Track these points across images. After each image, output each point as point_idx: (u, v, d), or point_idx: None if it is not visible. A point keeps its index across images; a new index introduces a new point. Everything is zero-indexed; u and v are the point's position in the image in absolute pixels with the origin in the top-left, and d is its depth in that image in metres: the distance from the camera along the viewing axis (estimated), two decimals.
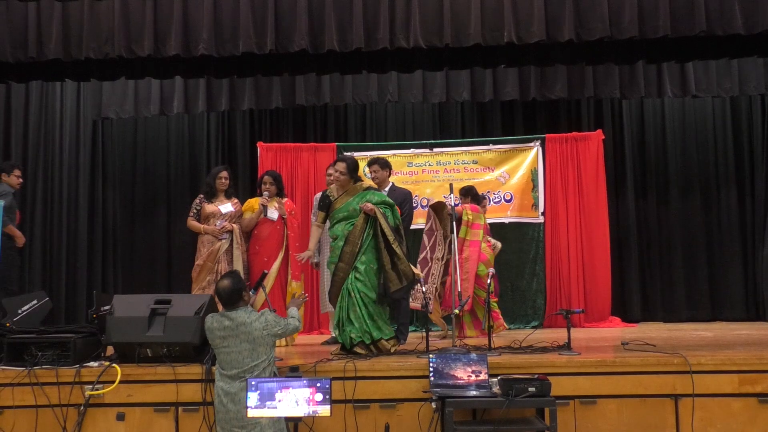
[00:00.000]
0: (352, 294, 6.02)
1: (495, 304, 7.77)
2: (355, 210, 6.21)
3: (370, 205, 6.13)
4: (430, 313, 6.11)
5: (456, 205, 7.18)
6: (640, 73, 8.54)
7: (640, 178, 9.93)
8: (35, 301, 6.21)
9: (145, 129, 10.22)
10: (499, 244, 8.05)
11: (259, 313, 4.94)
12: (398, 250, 6.06)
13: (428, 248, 7.73)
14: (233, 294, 4.95)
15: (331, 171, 7.49)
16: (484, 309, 7.37)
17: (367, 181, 6.68)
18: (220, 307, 6.16)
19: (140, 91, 9.19)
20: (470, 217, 7.67)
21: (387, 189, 7.15)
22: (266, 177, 7.42)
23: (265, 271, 6.05)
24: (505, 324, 7.85)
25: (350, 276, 6.05)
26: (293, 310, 5.31)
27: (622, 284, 9.60)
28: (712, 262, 9.71)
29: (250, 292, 5.28)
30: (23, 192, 8.66)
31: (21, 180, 7.91)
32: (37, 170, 9.28)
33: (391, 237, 6.06)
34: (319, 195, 7.66)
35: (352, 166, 6.40)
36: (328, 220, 6.56)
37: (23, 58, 6.76)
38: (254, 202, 7.35)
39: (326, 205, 6.39)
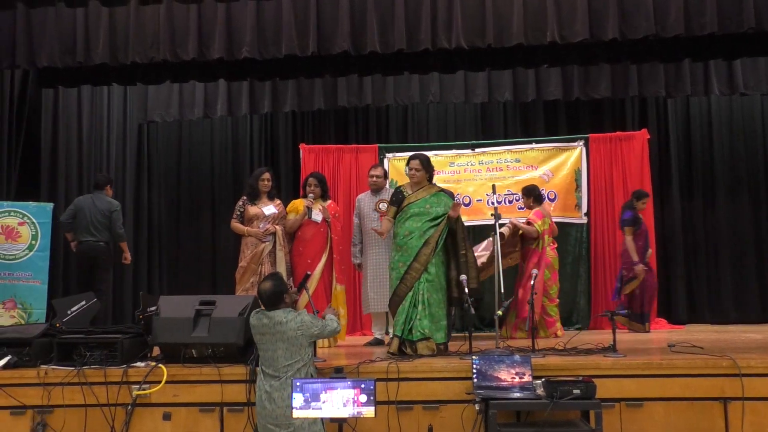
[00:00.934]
0: (421, 294, 6.05)
1: (554, 309, 7.74)
2: (432, 208, 6.21)
3: (459, 209, 6.22)
4: (473, 314, 6.06)
5: (499, 203, 7.12)
6: (686, 71, 8.42)
7: (686, 178, 9.78)
8: (84, 302, 6.30)
9: (189, 132, 10.34)
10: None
11: (297, 313, 4.96)
12: (469, 255, 6.16)
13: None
14: (274, 296, 4.98)
15: (373, 173, 7.53)
16: (543, 312, 7.54)
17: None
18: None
19: (184, 95, 9.30)
20: (539, 227, 7.78)
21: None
22: (311, 179, 7.45)
23: (309, 273, 6.07)
24: (561, 329, 7.88)
25: (422, 277, 6.08)
26: (331, 314, 5.33)
27: (668, 285, 9.46)
28: (762, 262, 9.52)
29: (293, 294, 5.28)
30: (75, 194, 8.82)
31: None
32: (83, 173, 9.43)
33: (462, 243, 6.16)
34: (361, 196, 7.69)
35: (426, 163, 6.43)
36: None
37: (71, 63, 6.89)
38: (299, 204, 7.38)
39: (399, 200, 6.34)
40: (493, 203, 6.90)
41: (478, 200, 9.20)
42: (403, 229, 6.21)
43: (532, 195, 8.03)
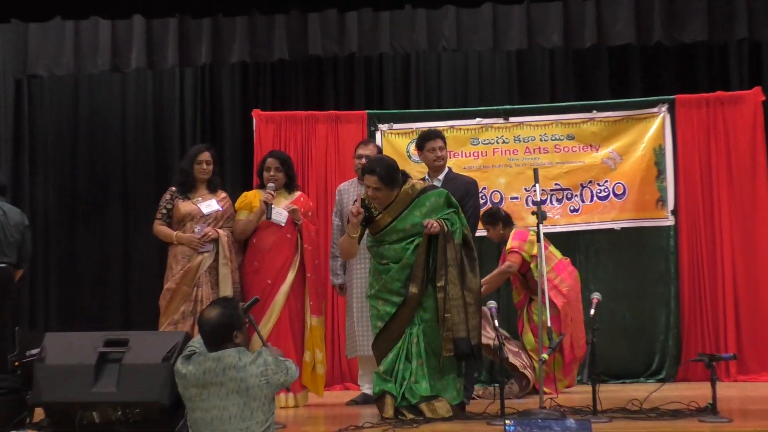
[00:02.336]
0: (417, 339, 6.13)
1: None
2: (416, 226, 6.26)
3: (437, 225, 6.17)
4: (505, 358, 6.05)
5: (543, 202, 7.10)
6: None
7: None
8: None
9: (90, 92, 10.33)
10: None
11: (256, 353, 4.88)
12: (472, 282, 6.21)
13: None
14: (221, 330, 4.89)
15: (362, 151, 7.51)
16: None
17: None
18: None
19: (83, 39, 9.23)
20: (528, 251, 7.89)
21: (442, 176, 7.14)
22: (270, 160, 7.42)
23: (257, 297, 5.95)
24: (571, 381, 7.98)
25: (417, 316, 6.16)
26: (277, 354, 5.23)
27: None
28: None
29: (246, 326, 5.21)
30: None
31: None
32: None
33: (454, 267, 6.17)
34: (343, 186, 7.64)
35: (386, 175, 6.30)
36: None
37: None
38: (253, 198, 7.36)
39: (365, 218, 6.38)
40: (535, 202, 6.83)
41: (512, 198, 9.21)
42: (379, 254, 6.44)
43: (499, 219, 8.13)
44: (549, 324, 6.46)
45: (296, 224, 7.28)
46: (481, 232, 8.05)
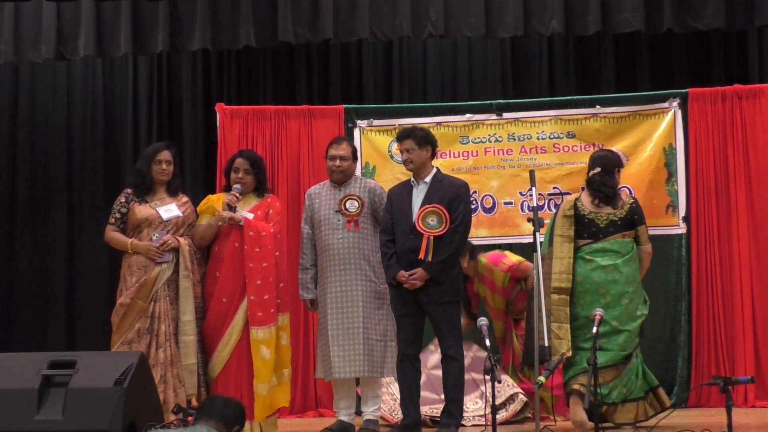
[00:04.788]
0: None
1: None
2: None
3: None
4: (500, 382, 6.09)
5: (540, 207, 7.15)
6: None
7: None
8: None
9: (31, 82, 10.37)
10: None
11: None
12: None
13: None
14: (230, 410, 5.13)
15: (335, 152, 7.56)
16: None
17: None
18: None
19: (24, 23, 9.23)
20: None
21: (429, 178, 7.20)
22: (239, 161, 7.44)
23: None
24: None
25: None
26: None
27: None
28: None
29: None
30: None
31: None
32: None
33: None
34: (313, 190, 7.69)
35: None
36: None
37: None
38: (216, 201, 7.37)
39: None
40: (531, 207, 6.90)
41: (506, 203, 9.25)
42: None
43: (467, 250, 8.12)
44: (546, 344, 6.51)
45: (240, 227, 7.21)
46: (480, 240, 8.15)
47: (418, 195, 7.16)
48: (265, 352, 7.15)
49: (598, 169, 7.48)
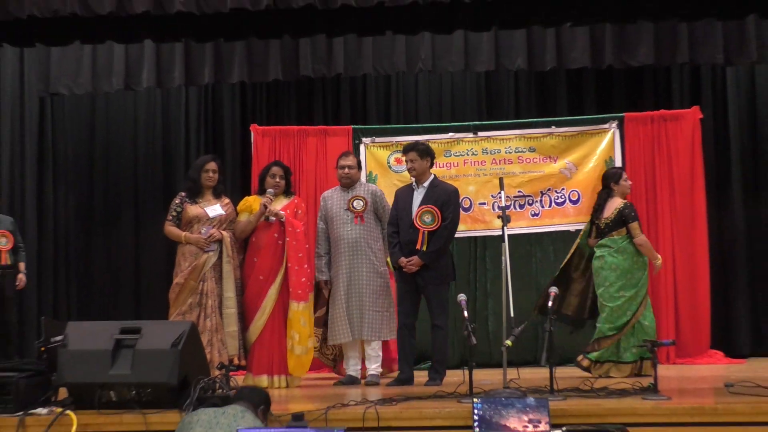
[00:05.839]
0: None
1: None
2: None
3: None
4: (474, 344, 6.11)
5: (507, 207, 7.17)
6: (752, 31, 8.46)
7: (750, 169, 9.88)
8: None
9: (106, 109, 10.34)
10: None
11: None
12: None
13: None
14: (259, 395, 4.88)
15: (344, 162, 7.60)
16: None
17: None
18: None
19: (99, 60, 9.20)
20: None
21: (427, 183, 7.28)
22: (275, 168, 7.54)
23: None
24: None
25: None
26: None
27: (726, 308, 9.54)
28: None
29: (273, 419, 5.16)
30: None
31: None
32: None
33: None
34: (327, 193, 7.73)
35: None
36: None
37: None
38: (253, 202, 7.43)
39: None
40: (500, 207, 6.95)
41: (480, 203, 9.27)
42: None
43: None
44: (512, 315, 6.53)
45: (282, 223, 7.33)
46: (461, 233, 8.18)
47: (418, 197, 7.26)
48: (303, 321, 7.29)
49: (601, 186, 8.01)
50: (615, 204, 7.79)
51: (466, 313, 6.28)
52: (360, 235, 7.46)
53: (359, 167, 7.74)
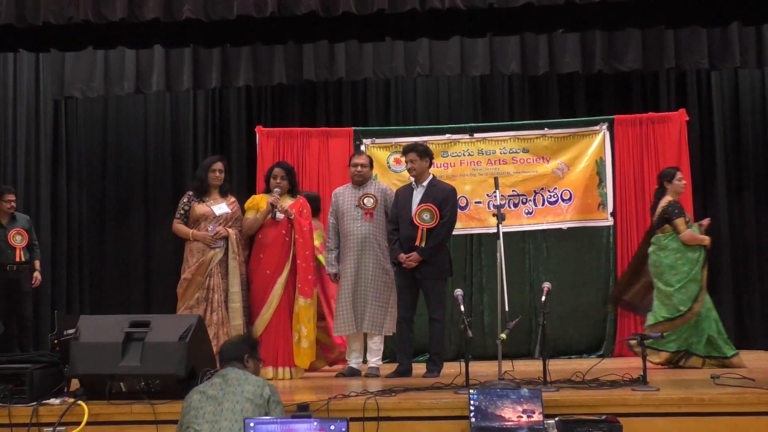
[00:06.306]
0: None
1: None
2: None
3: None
4: (470, 337, 6.10)
5: (502, 206, 7.12)
6: (735, 37, 8.47)
7: (734, 170, 9.86)
8: None
9: (117, 111, 10.31)
10: None
11: (262, 380, 4.76)
12: None
13: None
14: (233, 347, 4.90)
15: (357, 161, 7.59)
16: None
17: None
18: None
19: (111, 65, 9.26)
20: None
21: (426, 183, 7.25)
22: (277, 169, 7.49)
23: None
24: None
25: None
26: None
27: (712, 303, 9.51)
28: None
29: (260, 365, 5.13)
30: None
31: (12, 205, 8.70)
32: None
33: None
34: (338, 190, 7.68)
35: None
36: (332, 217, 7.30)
37: None
38: (260, 200, 7.40)
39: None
40: (495, 205, 6.91)
41: (476, 202, 9.25)
42: None
43: None
44: (507, 309, 6.50)
45: (290, 221, 7.31)
46: (458, 231, 8.17)
47: (418, 195, 7.23)
48: (308, 317, 7.29)
49: (656, 185, 7.96)
50: (662, 203, 7.72)
51: (462, 308, 6.28)
52: (369, 232, 7.40)
53: (371, 166, 7.69)
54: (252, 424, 4.39)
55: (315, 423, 4.39)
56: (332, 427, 4.38)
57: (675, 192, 7.78)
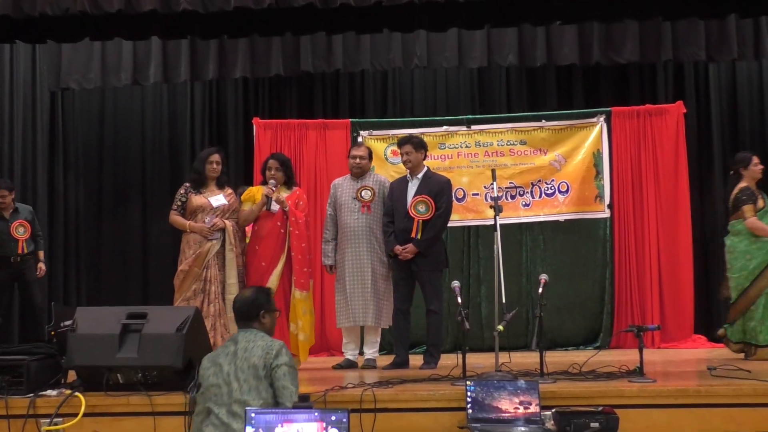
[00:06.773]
0: None
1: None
2: None
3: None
4: (467, 329, 6.09)
5: (499, 198, 7.12)
6: (732, 29, 8.47)
7: (732, 161, 9.83)
8: None
9: (114, 102, 10.28)
10: None
11: (277, 343, 4.78)
12: None
13: None
14: (249, 306, 4.90)
15: (356, 152, 7.58)
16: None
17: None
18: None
19: (108, 56, 9.24)
20: None
21: (421, 175, 7.25)
22: (271, 161, 7.46)
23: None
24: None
25: None
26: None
27: (709, 295, 9.52)
28: None
29: (276, 316, 5.13)
30: None
31: (7, 201, 8.70)
32: None
33: None
34: (337, 181, 7.67)
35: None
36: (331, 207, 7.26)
37: None
38: (256, 192, 7.38)
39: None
40: (492, 197, 6.91)
41: (474, 194, 9.26)
42: None
43: None
44: (504, 300, 6.51)
45: (285, 212, 7.27)
46: (455, 223, 8.14)
47: (413, 187, 7.23)
48: (304, 309, 7.28)
49: (731, 171, 7.87)
50: (737, 188, 7.68)
51: (459, 299, 6.28)
52: (366, 224, 7.38)
53: (370, 158, 7.67)
54: (252, 415, 4.38)
55: (316, 413, 4.38)
56: (333, 418, 4.36)
57: (752, 177, 7.69)
